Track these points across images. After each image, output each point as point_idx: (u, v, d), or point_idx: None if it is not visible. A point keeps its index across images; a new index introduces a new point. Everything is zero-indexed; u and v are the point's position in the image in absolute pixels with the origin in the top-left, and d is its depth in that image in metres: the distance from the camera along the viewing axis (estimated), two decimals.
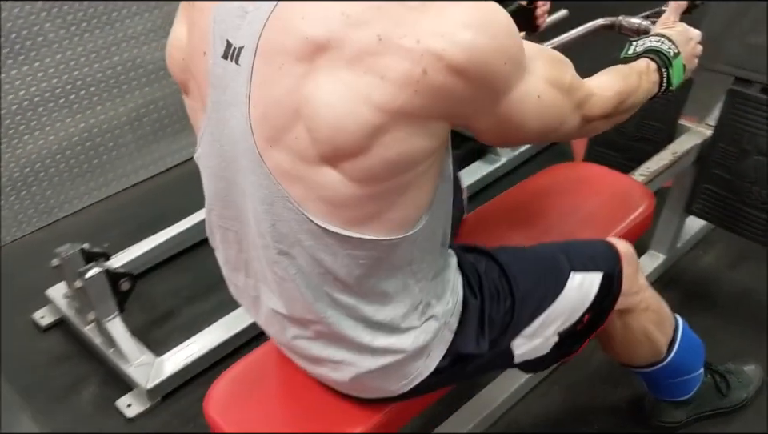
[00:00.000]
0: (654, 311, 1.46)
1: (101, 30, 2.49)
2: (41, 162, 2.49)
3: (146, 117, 2.72)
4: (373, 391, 1.19)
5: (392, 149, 0.88)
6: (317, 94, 0.86)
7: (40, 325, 2.15)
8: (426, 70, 0.84)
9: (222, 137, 0.98)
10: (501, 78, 0.90)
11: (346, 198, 0.92)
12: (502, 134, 1.00)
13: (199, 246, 2.38)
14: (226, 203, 1.06)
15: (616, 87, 1.15)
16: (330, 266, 0.99)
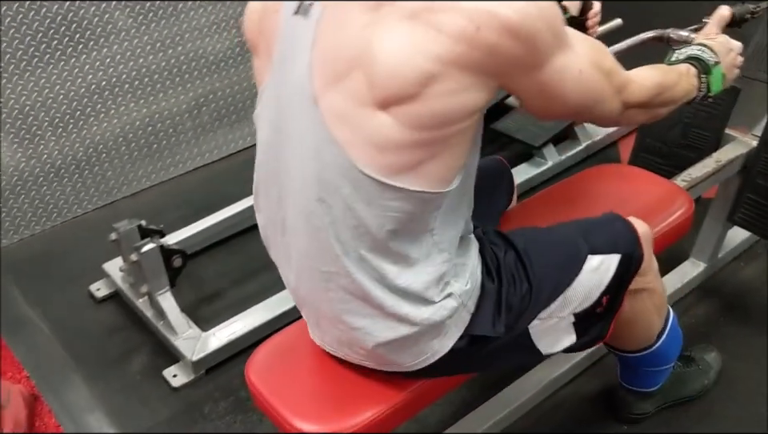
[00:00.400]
0: (658, 295, 1.49)
1: (166, 22, 2.61)
2: (104, 145, 2.62)
3: (205, 106, 2.83)
4: (389, 364, 1.23)
5: (441, 100, 0.96)
6: (377, 42, 0.95)
7: (96, 297, 2.27)
8: (480, 27, 0.93)
9: (282, 88, 1.07)
10: (546, 44, 1.00)
11: (392, 142, 0.99)
12: (545, 104, 1.09)
13: (247, 231, 2.47)
14: (275, 156, 1.14)
15: (655, 79, 1.24)
16: (363, 217, 1.05)
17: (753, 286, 2.15)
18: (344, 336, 1.22)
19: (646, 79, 1.22)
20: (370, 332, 1.16)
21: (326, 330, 1.26)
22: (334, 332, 1.23)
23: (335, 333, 1.23)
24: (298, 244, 1.16)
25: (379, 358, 1.22)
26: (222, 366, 2.01)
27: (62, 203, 2.58)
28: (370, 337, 1.16)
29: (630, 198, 1.71)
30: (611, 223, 1.38)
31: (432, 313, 1.15)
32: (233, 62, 2.84)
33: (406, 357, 1.20)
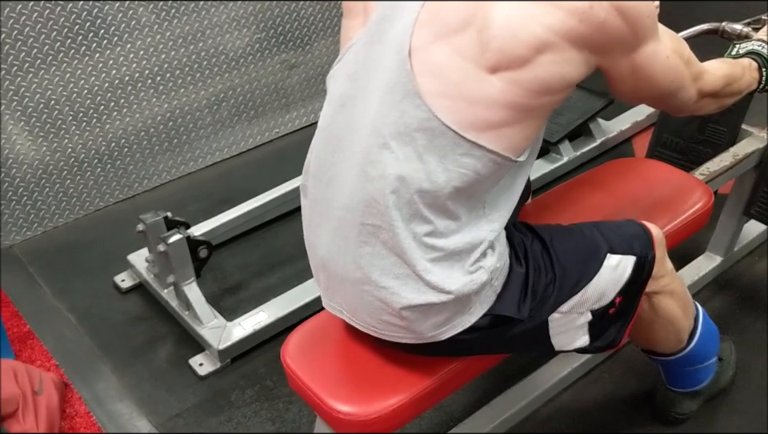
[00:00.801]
0: (679, 296, 1.50)
1: (188, 18, 2.65)
2: (126, 139, 2.66)
3: (225, 102, 2.87)
4: (408, 330, 1.23)
5: (547, 68, 1.07)
6: (494, 9, 1.05)
7: (120, 288, 2.31)
8: (593, 4, 1.05)
9: (374, 45, 1.15)
10: (645, 27, 1.13)
11: (488, 98, 1.08)
12: (635, 85, 1.20)
13: (268, 224, 2.53)
14: (342, 107, 1.19)
15: (724, 70, 1.39)
16: (433, 170, 1.10)
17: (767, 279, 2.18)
18: (367, 298, 1.22)
19: (717, 70, 1.36)
20: (397, 292, 1.18)
21: (345, 295, 1.27)
22: (356, 296, 1.24)
23: (357, 297, 1.24)
24: (343, 196, 1.19)
25: (400, 323, 1.22)
26: (248, 355, 2.05)
27: (84, 196, 2.62)
28: (397, 298, 1.18)
29: (650, 190, 1.75)
30: (627, 225, 1.41)
31: (462, 285, 1.18)
32: (252, 58, 2.87)
33: (427, 326, 1.22)
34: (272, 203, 2.42)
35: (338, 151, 1.20)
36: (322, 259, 1.28)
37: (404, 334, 1.25)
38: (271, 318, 2.08)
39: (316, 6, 2.98)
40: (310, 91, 3.10)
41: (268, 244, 2.47)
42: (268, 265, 2.39)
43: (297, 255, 2.41)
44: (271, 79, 2.97)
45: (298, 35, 2.98)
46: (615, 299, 1.35)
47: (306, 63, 3.05)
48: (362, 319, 1.28)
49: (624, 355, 1.94)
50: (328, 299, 1.35)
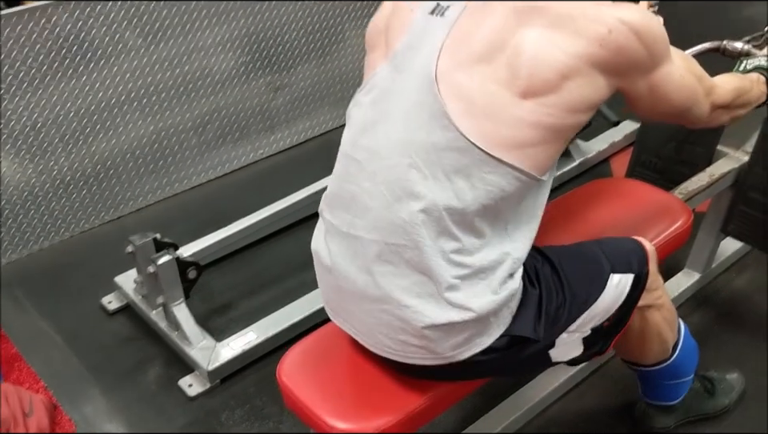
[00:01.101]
0: (667, 310, 1.56)
1: (174, 41, 2.68)
2: (112, 160, 2.68)
3: (210, 124, 2.89)
4: (425, 351, 1.25)
5: (574, 92, 1.16)
6: (523, 39, 1.14)
7: (108, 309, 2.31)
8: (611, 30, 1.15)
9: (399, 72, 1.23)
10: (660, 49, 1.23)
11: (517, 118, 1.15)
12: (653, 103, 1.29)
13: (255, 245, 2.55)
14: (365, 131, 1.25)
15: (734, 84, 1.50)
16: (461, 188, 1.16)
17: (745, 295, 2.25)
18: (385, 317, 1.24)
19: (727, 83, 1.47)
20: (420, 311, 1.20)
21: (361, 316, 1.29)
22: (373, 316, 1.26)
23: (374, 317, 1.26)
24: (366, 216, 1.22)
25: (419, 343, 1.23)
26: (237, 375, 2.06)
27: (70, 218, 2.63)
28: (419, 316, 1.20)
29: (633, 209, 1.80)
30: (625, 242, 1.47)
31: (484, 304, 1.20)
32: (237, 80, 2.91)
33: (447, 346, 1.24)
34: (260, 224, 2.44)
35: (360, 173, 1.24)
36: (336, 279, 1.30)
37: (422, 354, 1.26)
38: (260, 338, 2.09)
39: (300, 30, 3.03)
40: (294, 113, 3.14)
41: (255, 264, 2.49)
42: (256, 285, 2.41)
43: (284, 274, 2.44)
44: (256, 101, 3.01)
45: (282, 58, 3.02)
46: (611, 315, 1.40)
47: (291, 86, 3.09)
48: (377, 340, 1.29)
49: (608, 371, 1.99)
50: (342, 319, 1.37)
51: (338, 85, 3.24)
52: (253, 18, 2.86)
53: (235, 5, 2.79)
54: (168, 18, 2.63)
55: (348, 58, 3.24)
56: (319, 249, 1.36)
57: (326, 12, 3.07)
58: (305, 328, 2.12)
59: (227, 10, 2.77)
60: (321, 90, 3.19)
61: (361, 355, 1.38)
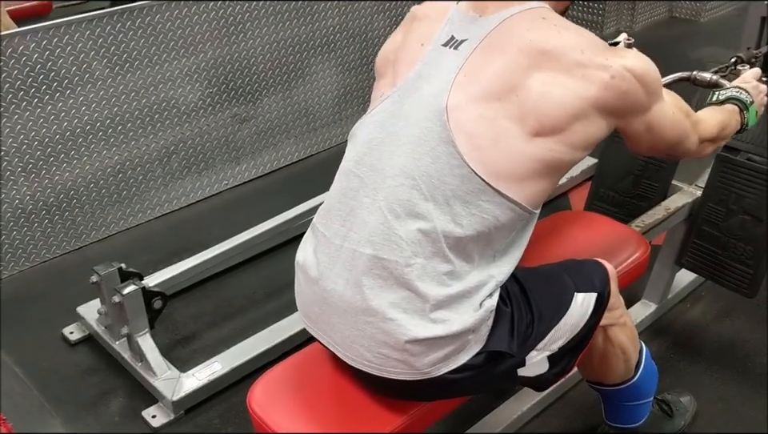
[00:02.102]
0: (629, 328, 1.61)
1: (141, 71, 2.69)
2: (75, 190, 2.66)
3: (175, 154, 2.90)
4: (404, 365, 1.27)
5: (579, 132, 1.26)
6: (535, 83, 1.24)
7: (69, 340, 2.28)
8: (614, 75, 1.26)
9: (409, 99, 1.31)
10: (657, 91, 1.35)
11: (521, 152, 1.24)
12: (650, 140, 1.40)
13: (219, 275, 2.55)
14: (371, 150, 1.31)
15: (717, 118, 1.60)
16: (458, 213, 1.22)
17: (699, 325, 2.32)
18: (369, 330, 1.26)
19: (711, 118, 1.58)
20: (404, 325, 1.23)
21: (343, 328, 1.30)
22: (356, 328, 1.28)
23: (357, 329, 1.28)
24: (361, 230, 1.27)
25: (399, 357, 1.26)
26: (202, 406, 2.05)
27: (31, 248, 2.60)
28: (403, 330, 1.23)
29: (592, 241, 1.86)
30: (587, 264, 1.52)
31: (466, 321, 1.25)
32: (203, 111, 2.93)
33: (426, 362, 1.26)
34: (225, 254, 2.44)
35: (361, 189, 1.29)
36: (323, 290, 1.32)
37: (401, 368, 1.28)
38: (226, 368, 2.09)
39: (267, 63, 3.07)
40: (260, 144, 3.16)
41: (220, 295, 2.49)
42: (221, 316, 2.40)
43: (249, 305, 2.45)
44: (222, 132, 3.03)
45: (249, 90, 3.05)
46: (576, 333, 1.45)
47: (257, 117, 3.12)
48: (357, 353, 1.31)
49: (571, 399, 2.03)
50: (322, 332, 1.38)
51: (304, 117, 3.28)
52: (220, 49, 2.89)
53: (203, 36, 2.82)
54: (135, 49, 2.64)
55: (314, 92, 3.28)
56: (307, 261, 1.37)
57: (292, 45, 3.12)
58: (271, 359, 2.13)
59: (194, 42, 2.80)
60: (286, 121, 3.23)
61: (333, 381, 1.39)
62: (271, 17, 3.01)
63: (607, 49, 1.30)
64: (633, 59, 1.29)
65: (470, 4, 1.35)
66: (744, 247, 2.04)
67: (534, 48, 1.25)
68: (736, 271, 2.07)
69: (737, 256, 2.06)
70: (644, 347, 1.71)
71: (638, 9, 4.75)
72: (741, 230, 2.04)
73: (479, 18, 1.32)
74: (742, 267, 2.05)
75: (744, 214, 2.03)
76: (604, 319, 1.50)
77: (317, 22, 3.17)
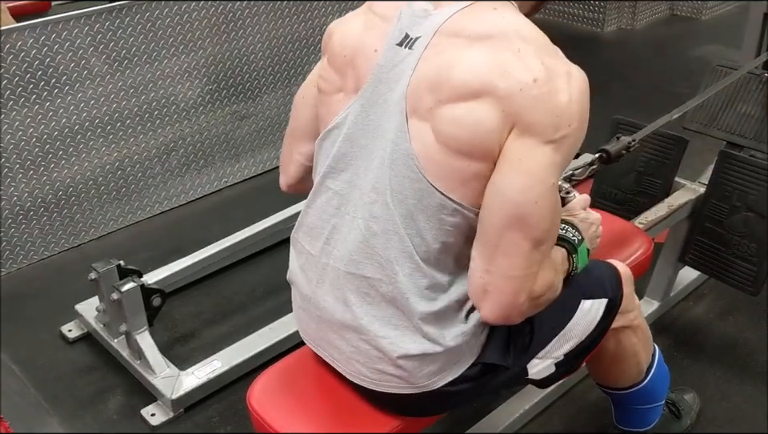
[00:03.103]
0: (642, 331, 1.58)
1: (140, 68, 2.68)
2: (74, 187, 2.64)
3: (174, 151, 2.88)
4: (401, 379, 1.26)
5: (469, 113, 1.11)
6: (457, 63, 1.12)
7: (67, 337, 2.27)
8: (537, 80, 1.08)
9: (373, 107, 1.21)
10: (562, 129, 1.10)
11: (438, 152, 1.13)
12: (506, 176, 1.11)
13: (218, 273, 2.53)
14: (345, 166, 1.24)
15: (550, 277, 1.21)
16: (422, 226, 1.16)
17: (702, 323, 2.30)
18: (363, 347, 1.25)
19: (544, 274, 1.18)
20: (395, 342, 1.22)
21: (339, 345, 1.30)
22: (351, 346, 1.27)
23: (352, 346, 1.27)
24: (343, 249, 1.24)
25: (395, 372, 1.25)
26: (201, 404, 2.03)
27: (29, 245, 2.58)
28: (394, 347, 1.22)
29: None
30: (597, 267, 1.47)
31: (455, 335, 1.23)
32: (203, 109, 2.91)
33: (422, 376, 1.25)
34: (224, 252, 2.42)
35: (342, 206, 1.25)
36: (316, 308, 1.31)
37: (397, 383, 1.27)
38: (225, 366, 2.07)
39: (267, 60, 3.05)
40: (260, 142, 3.15)
41: (219, 293, 2.47)
42: (220, 313, 2.39)
43: (248, 303, 2.43)
44: (221, 130, 3.01)
45: (248, 87, 3.03)
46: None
47: (256, 115, 3.10)
48: (354, 369, 1.30)
49: (574, 396, 2.01)
50: (321, 348, 1.36)
51: None
52: (219, 46, 2.88)
53: (202, 33, 2.80)
54: (134, 45, 2.63)
55: None
56: (297, 278, 1.36)
57: (291, 42, 3.10)
58: (270, 357, 2.11)
59: (194, 39, 2.79)
60: (286, 119, 3.19)
61: (333, 382, 1.37)
62: (270, 13, 2.99)
63: (554, 54, 1.13)
64: (575, 75, 1.12)
65: None
66: (748, 245, 2.02)
67: (473, 36, 1.13)
68: (740, 268, 2.05)
69: (740, 253, 2.04)
70: (657, 349, 1.68)
71: (639, 7, 4.74)
72: (744, 227, 2.02)
73: (433, 11, 1.19)
74: (746, 264, 2.03)
75: (747, 211, 2.01)
76: (616, 321, 1.47)
77: (316, 19, 3.16)
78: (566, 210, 1.40)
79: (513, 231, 1.11)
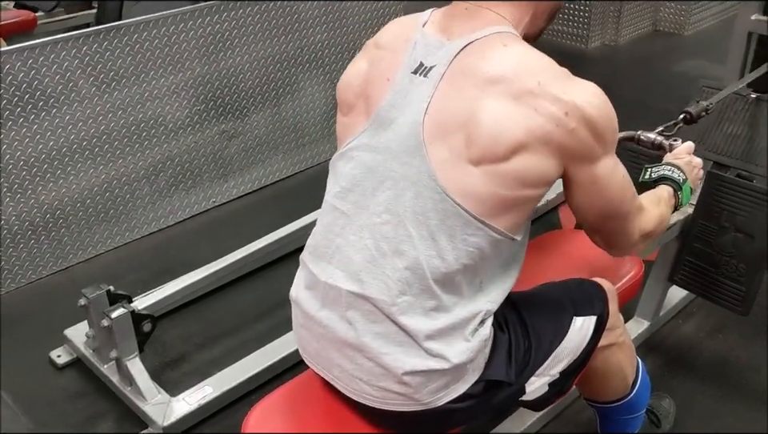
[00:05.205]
0: (628, 346, 1.62)
1: (128, 89, 2.67)
2: (61, 209, 2.62)
3: (162, 172, 2.87)
4: (405, 397, 1.26)
5: (522, 165, 1.18)
6: (482, 110, 1.17)
7: (56, 363, 2.24)
8: (568, 113, 1.17)
9: (385, 132, 1.26)
10: (608, 141, 1.24)
11: (477, 193, 1.19)
12: (590, 195, 1.27)
13: (208, 296, 2.51)
14: (354, 187, 1.27)
15: (655, 211, 1.45)
16: (443, 247, 1.19)
17: (692, 341, 2.32)
18: (366, 365, 1.25)
19: (653, 209, 1.43)
20: (400, 358, 1.23)
21: (342, 364, 1.30)
22: (354, 363, 1.27)
23: (355, 364, 1.27)
24: (349, 269, 1.25)
25: (399, 389, 1.25)
26: (193, 430, 2.02)
27: (17, 269, 2.56)
28: (399, 363, 1.23)
29: (586, 261, 1.84)
30: (585, 285, 1.52)
31: (460, 353, 1.24)
32: (191, 129, 2.90)
33: (426, 392, 1.26)
34: (215, 275, 2.41)
35: (347, 226, 1.27)
36: (319, 326, 1.31)
37: (402, 401, 1.27)
38: (217, 391, 2.06)
39: (255, 79, 3.05)
40: (248, 161, 3.14)
41: (210, 315, 2.46)
42: (210, 337, 2.37)
43: (239, 325, 2.42)
44: (209, 149, 3.00)
45: (236, 107, 3.03)
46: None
47: (245, 134, 3.09)
48: (357, 387, 1.29)
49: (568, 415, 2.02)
50: (321, 367, 1.36)
51: (292, 133, 3.27)
52: (208, 66, 2.87)
53: (190, 53, 2.80)
54: (122, 66, 2.62)
55: (302, 107, 3.27)
56: (300, 297, 1.36)
57: (280, 61, 3.11)
58: (263, 381, 2.11)
59: (182, 59, 2.78)
60: (275, 138, 3.21)
61: (332, 410, 1.37)
62: (259, 33, 2.99)
63: (568, 79, 1.21)
64: (590, 97, 1.20)
65: (437, 28, 1.28)
66: (736, 265, 2.04)
67: (489, 78, 1.19)
68: (729, 288, 2.07)
69: (729, 274, 2.06)
70: (639, 362, 1.72)
71: (623, 23, 4.79)
72: (733, 247, 2.04)
73: (447, 42, 1.25)
74: (735, 284, 2.05)
75: (736, 231, 2.03)
76: (603, 339, 1.50)
77: (305, 38, 3.16)
78: (673, 155, 1.68)
79: (610, 221, 1.33)
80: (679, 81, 4.11)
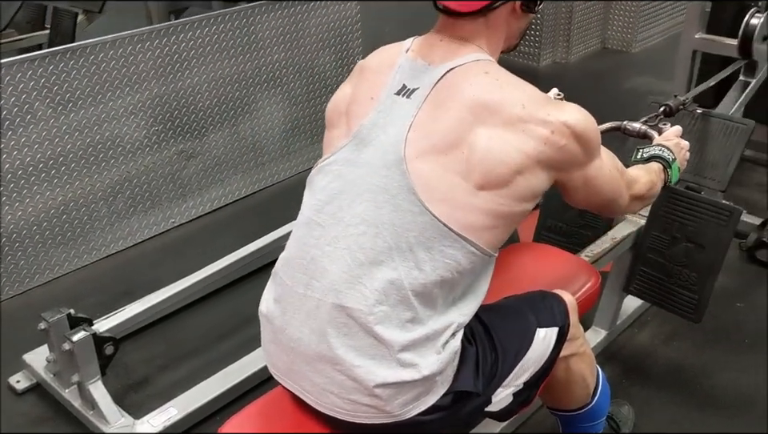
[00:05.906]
0: (588, 356, 1.67)
1: (85, 110, 2.65)
2: (17, 232, 2.58)
3: (120, 193, 2.85)
4: (375, 410, 1.28)
5: (523, 184, 1.29)
6: (477, 137, 1.27)
7: (16, 389, 2.20)
8: (554, 131, 1.29)
9: (366, 149, 1.32)
10: (594, 147, 1.38)
11: (472, 205, 1.27)
12: (586, 194, 1.44)
13: (171, 316, 2.50)
14: (332, 199, 1.32)
15: (647, 178, 1.63)
16: (421, 259, 1.24)
17: (648, 349, 2.38)
18: (338, 378, 1.27)
19: (641, 177, 1.61)
20: (372, 371, 1.25)
21: (313, 377, 1.31)
22: (326, 376, 1.28)
23: (327, 377, 1.28)
24: (324, 279, 1.27)
25: (370, 402, 1.27)
26: None
27: None
28: (371, 376, 1.25)
29: (545, 273, 1.89)
30: (548, 298, 1.56)
31: (431, 364, 1.27)
32: (148, 149, 2.89)
33: (396, 404, 1.27)
34: (177, 296, 2.39)
35: (322, 238, 1.30)
36: (289, 339, 1.32)
37: (372, 413, 1.29)
38: (182, 413, 2.04)
39: (213, 99, 3.05)
40: (207, 181, 3.14)
41: (171, 336, 2.44)
42: (173, 358, 2.35)
43: (203, 346, 2.41)
44: (168, 169, 2.99)
45: (194, 126, 3.02)
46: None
47: (203, 153, 3.09)
48: (328, 401, 1.31)
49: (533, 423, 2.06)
50: (291, 381, 1.37)
51: (251, 152, 3.27)
52: (165, 86, 2.87)
53: (147, 74, 2.79)
54: (78, 88, 2.60)
55: (261, 126, 3.28)
56: (270, 311, 1.37)
57: (237, 81, 3.12)
58: (228, 400, 2.10)
59: (139, 79, 2.77)
60: (233, 157, 3.21)
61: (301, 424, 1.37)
62: (216, 53, 3.00)
63: (549, 103, 1.33)
64: (574, 114, 1.32)
65: (418, 53, 1.37)
66: (689, 274, 2.11)
67: (476, 104, 1.28)
68: (682, 297, 2.14)
69: (682, 283, 2.13)
70: (599, 370, 1.76)
71: (573, 41, 4.92)
72: (685, 257, 2.11)
73: (429, 66, 1.34)
74: (688, 293, 2.12)
75: (687, 241, 2.11)
76: (565, 349, 1.54)
77: (262, 58, 3.18)
78: (663, 138, 1.83)
79: (606, 205, 1.52)
80: (629, 97, 4.23)
